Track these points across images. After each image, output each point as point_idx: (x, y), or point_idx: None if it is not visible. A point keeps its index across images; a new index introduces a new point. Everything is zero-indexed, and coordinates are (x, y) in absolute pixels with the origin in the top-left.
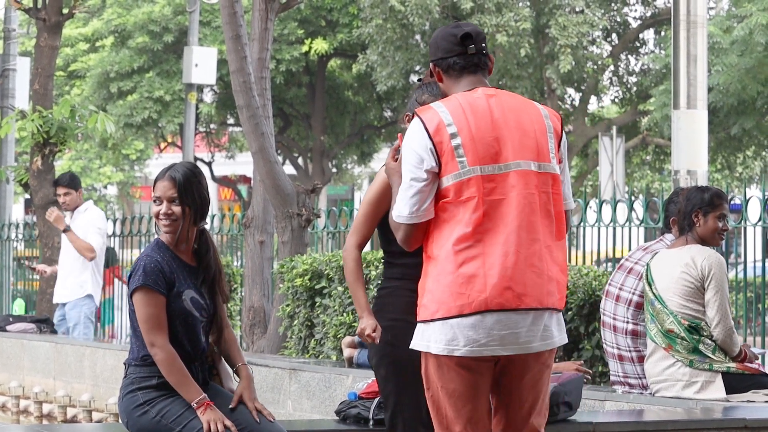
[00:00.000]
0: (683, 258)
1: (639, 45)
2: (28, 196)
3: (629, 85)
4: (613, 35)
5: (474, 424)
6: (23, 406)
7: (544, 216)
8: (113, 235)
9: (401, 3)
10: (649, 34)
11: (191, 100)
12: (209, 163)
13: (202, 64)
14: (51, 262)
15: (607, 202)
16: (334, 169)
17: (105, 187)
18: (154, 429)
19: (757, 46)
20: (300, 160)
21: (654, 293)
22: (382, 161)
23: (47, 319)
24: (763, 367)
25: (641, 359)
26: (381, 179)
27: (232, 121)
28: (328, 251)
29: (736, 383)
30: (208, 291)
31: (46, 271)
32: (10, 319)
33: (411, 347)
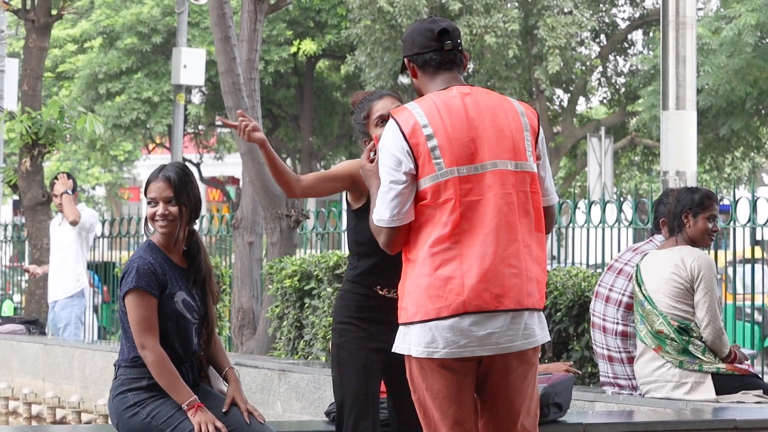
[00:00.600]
0: (673, 259)
1: (627, 46)
2: (16, 198)
3: (618, 86)
4: (602, 36)
5: (461, 425)
6: (12, 408)
7: (522, 215)
8: (102, 236)
9: (390, 4)
10: (637, 35)
11: (180, 101)
12: (198, 164)
13: (190, 66)
14: (40, 263)
15: (596, 203)
16: (323, 170)
17: (93, 188)
18: (145, 430)
19: (746, 47)
20: (288, 161)
21: (644, 294)
22: None
23: (36, 320)
24: (752, 368)
25: (631, 360)
26: (343, 166)
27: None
28: (317, 252)
29: (725, 384)
30: (199, 292)
31: (37, 273)
32: None
33: (393, 350)
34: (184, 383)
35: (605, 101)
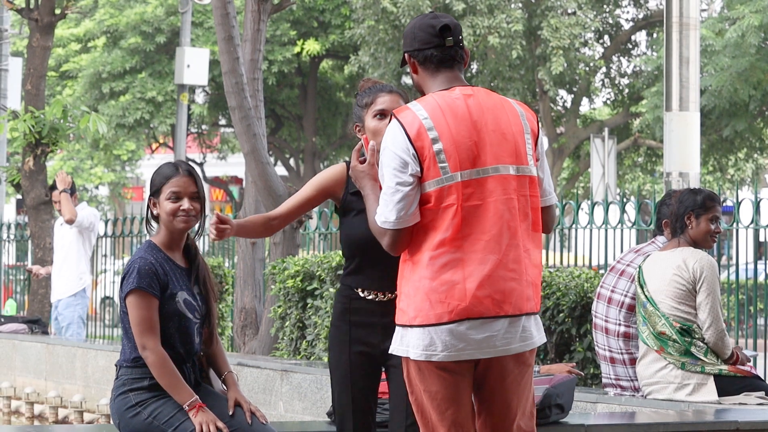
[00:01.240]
0: (675, 260)
1: (631, 47)
2: (19, 197)
3: (621, 87)
4: (605, 37)
5: (459, 426)
6: (14, 407)
7: (522, 219)
8: (105, 236)
9: (393, 4)
10: (641, 36)
11: (183, 100)
12: (201, 164)
13: (194, 65)
14: (43, 263)
15: (599, 204)
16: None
17: (96, 188)
18: (146, 430)
19: (750, 48)
20: (292, 162)
21: (646, 295)
22: None
23: (39, 320)
24: (755, 370)
25: (633, 361)
26: (312, 184)
27: (223, 122)
28: (319, 252)
29: (727, 386)
30: (200, 291)
31: (40, 273)
32: (2, 319)
33: (390, 352)
34: (185, 383)
35: (608, 102)
